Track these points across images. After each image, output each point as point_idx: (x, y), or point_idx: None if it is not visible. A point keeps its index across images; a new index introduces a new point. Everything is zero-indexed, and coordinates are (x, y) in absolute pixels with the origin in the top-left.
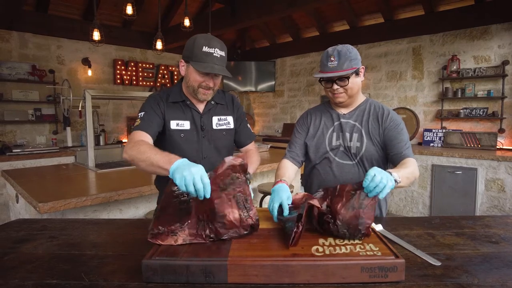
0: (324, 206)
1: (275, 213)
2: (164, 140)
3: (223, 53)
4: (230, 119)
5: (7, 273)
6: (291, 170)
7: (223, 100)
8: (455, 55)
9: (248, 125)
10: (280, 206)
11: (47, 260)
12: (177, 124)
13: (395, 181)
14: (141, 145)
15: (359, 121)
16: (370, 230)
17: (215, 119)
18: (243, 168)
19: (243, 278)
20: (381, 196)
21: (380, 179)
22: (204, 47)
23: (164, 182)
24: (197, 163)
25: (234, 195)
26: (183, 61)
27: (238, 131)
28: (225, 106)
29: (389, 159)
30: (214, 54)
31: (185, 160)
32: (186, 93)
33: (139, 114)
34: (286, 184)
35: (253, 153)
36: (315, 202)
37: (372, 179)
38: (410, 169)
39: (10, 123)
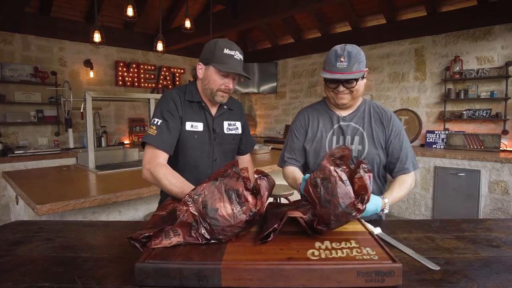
0: (309, 215)
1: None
2: (177, 140)
3: (242, 57)
4: (238, 124)
5: (0, 276)
6: (299, 173)
7: (233, 105)
8: (457, 56)
9: (250, 132)
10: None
11: (42, 263)
12: (192, 126)
13: (382, 210)
14: (172, 177)
15: (361, 124)
16: (359, 204)
17: (225, 124)
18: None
19: (237, 282)
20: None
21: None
22: (225, 49)
23: None
24: (207, 165)
25: (226, 189)
26: (201, 63)
27: (243, 138)
28: (234, 111)
29: (388, 168)
30: (235, 57)
31: None
32: (202, 95)
33: (156, 120)
34: None
35: (249, 167)
36: (296, 214)
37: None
38: (405, 191)
39: (12, 124)
